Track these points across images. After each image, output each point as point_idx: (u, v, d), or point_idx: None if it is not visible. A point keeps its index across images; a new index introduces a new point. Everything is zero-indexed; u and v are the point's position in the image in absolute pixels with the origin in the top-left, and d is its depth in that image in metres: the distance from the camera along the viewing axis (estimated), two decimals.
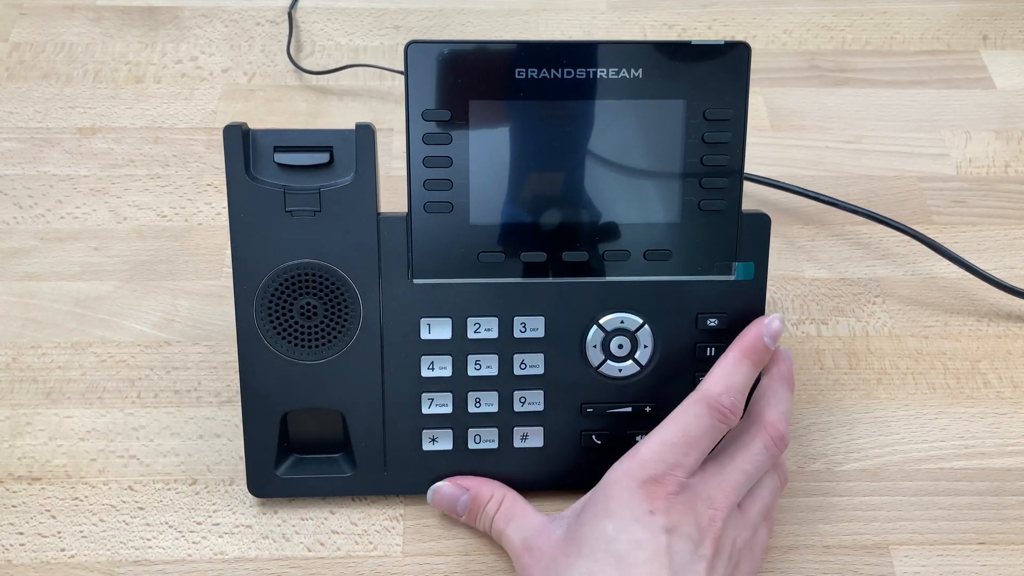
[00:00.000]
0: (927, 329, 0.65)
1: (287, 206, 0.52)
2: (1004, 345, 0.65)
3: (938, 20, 0.86)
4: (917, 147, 0.76)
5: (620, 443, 0.56)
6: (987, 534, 0.56)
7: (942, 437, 0.60)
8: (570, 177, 0.53)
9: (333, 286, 0.53)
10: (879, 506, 0.57)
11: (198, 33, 0.83)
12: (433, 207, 0.53)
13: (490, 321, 0.54)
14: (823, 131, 0.77)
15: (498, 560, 0.54)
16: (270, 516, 0.56)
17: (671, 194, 0.53)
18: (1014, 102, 0.79)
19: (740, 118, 0.53)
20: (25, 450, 0.58)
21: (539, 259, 0.54)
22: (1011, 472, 0.59)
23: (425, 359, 0.54)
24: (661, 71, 0.52)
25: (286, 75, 0.80)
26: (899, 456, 0.59)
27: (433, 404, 0.55)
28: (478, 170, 0.52)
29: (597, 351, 0.55)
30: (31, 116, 0.76)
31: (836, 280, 0.68)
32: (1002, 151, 0.76)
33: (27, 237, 0.68)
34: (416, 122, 0.52)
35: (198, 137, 0.75)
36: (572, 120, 0.52)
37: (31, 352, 0.63)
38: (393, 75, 0.79)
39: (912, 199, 0.72)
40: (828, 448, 0.60)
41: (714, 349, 0.55)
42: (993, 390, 0.63)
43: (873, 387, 0.63)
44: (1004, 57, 0.83)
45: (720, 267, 0.54)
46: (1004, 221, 0.71)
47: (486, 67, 0.51)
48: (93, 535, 0.55)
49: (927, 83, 0.81)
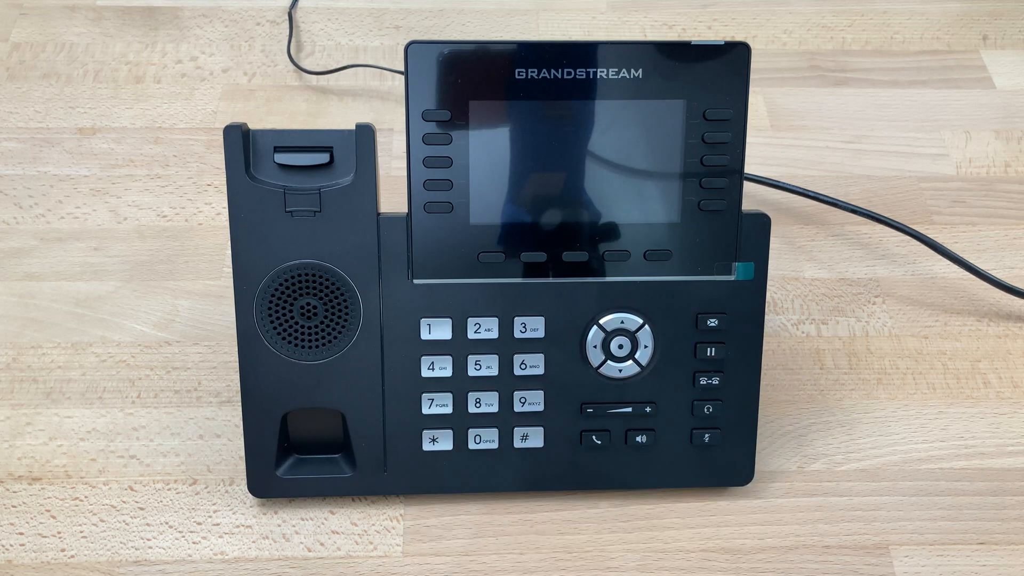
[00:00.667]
0: (927, 329, 0.65)
1: (287, 206, 0.52)
2: (1004, 345, 0.65)
3: (938, 20, 0.86)
4: (917, 147, 0.76)
5: (620, 443, 0.56)
6: (987, 534, 0.56)
7: (942, 437, 0.60)
8: (570, 177, 0.53)
9: (333, 286, 0.53)
10: (879, 506, 0.57)
11: (198, 33, 0.83)
12: (433, 207, 0.53)
13: (490, 321, 0.54)
14: (823, 131, 0.77)
15: (498, 560, 0.54)
16: (270, 516, 0.56)
17: (671, 194, 0.53)
18: (1014, 102, 0.79)
19: (740, 118, 0.53)
20: (25, 450, 0.58)
21: (539, 259, 0.54)
22: (1011, 472, 0.59)
23: (425, 359, 0.54)
24: (661, 71, 0.52)
25: (286, 75, 0.80)
26: (899, 456, 0.59)
27: (433, 404, 0.55)
28: (478, 170, 0.52)
29: (597, 351, 0.55)
30: (31, 116, 0.76)
31: (836, 280, 0.68)
32: (1002, 151, 0.76)
33: (27, 237, 0.68)
34: (416, 122, 0.52)
35: (198, 137, 0.75)
36: (572, 120, 0.52)
37: (31, 352, 0.63)
38: (393, 75, 0.79)
39: (912, 199, 0.72)
40: (828, 448, 0.60)
41: (714, 349, 0.55)
42: (993, 390, 0.63)
43: (873, 387, 0.63)
44: (1004, 57, 0.83)
45: (720, 267, 0.54)
46: (1004, 221, 0.71)
47: (486, 67, 0.51)
48: (93, 535, 0.55)
49: (927, 83, 0.81)
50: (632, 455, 0.56)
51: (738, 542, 0.56)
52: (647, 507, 0.57)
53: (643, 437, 0.56)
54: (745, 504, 0.57)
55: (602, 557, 0.55)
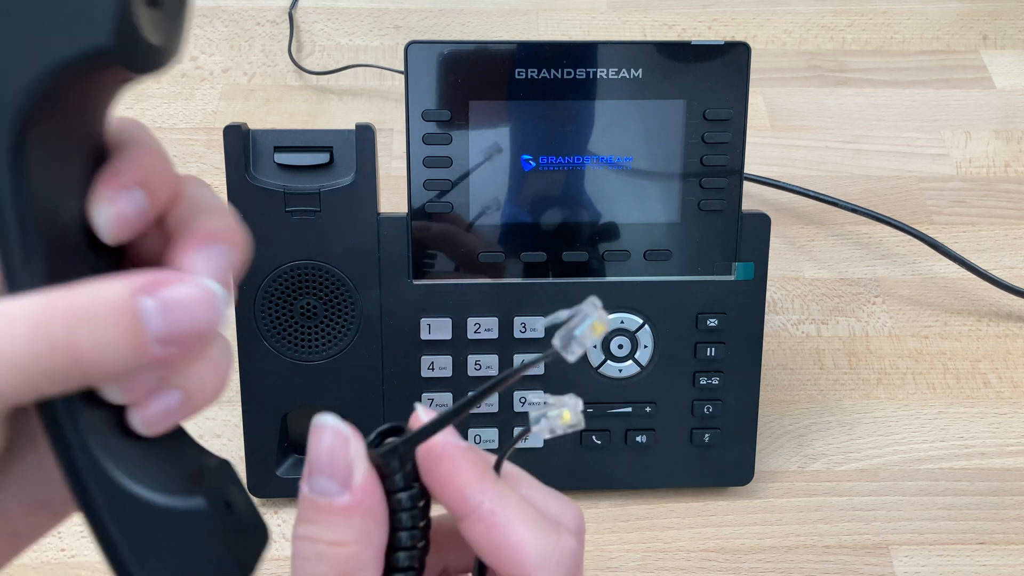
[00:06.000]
0: (927, 329, 0.65)
1: (287, 206, 0.52)
2: (1004, 345, 0.65)
3: (938, 20, 0.86)
4: (917, 147, 0.76)
5: (620, 443, 0.56)
6: (987, 534, 0.56)
7: (942, 437, 0.60)
8: (570, 177, 0.53)
9: (333, 286, 0.53)
10: (879, 506, 0.57)
11: (198, 33, 0.83)
12: (433, 207, 0.53)
13: (490, 321, 0.54)
14: (823, 131, 0.77)
15: None
16: (270, 516, 0.56)
17: (671, 194, 0.53)
18: (1014, 102, 0.79)
19: (740, 118, 0.53)
20: None
21: (539, 259, 0.54)
22: (1011, 472, 0.59)
23: (425, 359, 0.54)
24: (661, 71, 0.52)
25: (286, 75, 0.80)
26: (899, 456, 0.59)
27: (433, 404, 0.55)
28: (478, 170, 0.52)
29: (597, 351, 0.55)
30: None
31: (836, 280, 0.68)
32: (1002, 151, 0.76)
33: None
34: (416, 122, 0.52)
35: (198, 137, 0.75)
36: (572, 120, 0.52)
37: None
38: (393, 75, 0.79)
39: (912, 199, 0.72)
40: (828, 448, 0.60)
41: (714, 349, 0.55)
42: (993, 390, 0.63)
43: (873, 387, 0.63)
44: (1004, 57, 0.83)
45: (720, 267, 0.54)
46: (1004, 221, 0.71)
47: (486, 67, 0.51)
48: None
49: (927, 83, 0.81)
50: (632, 455, 0.56)
51: (738, 542, 0.56)
52: (647, 507, 0.57)
53: (643, 437, 0.56)
54: (745, 504, 0.57)
55: (602, 557, 0.55)
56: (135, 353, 0.25)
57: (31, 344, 0.24)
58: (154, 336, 0.26)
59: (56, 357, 0.25)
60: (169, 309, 0.26)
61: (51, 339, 0.25)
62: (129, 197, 0.27)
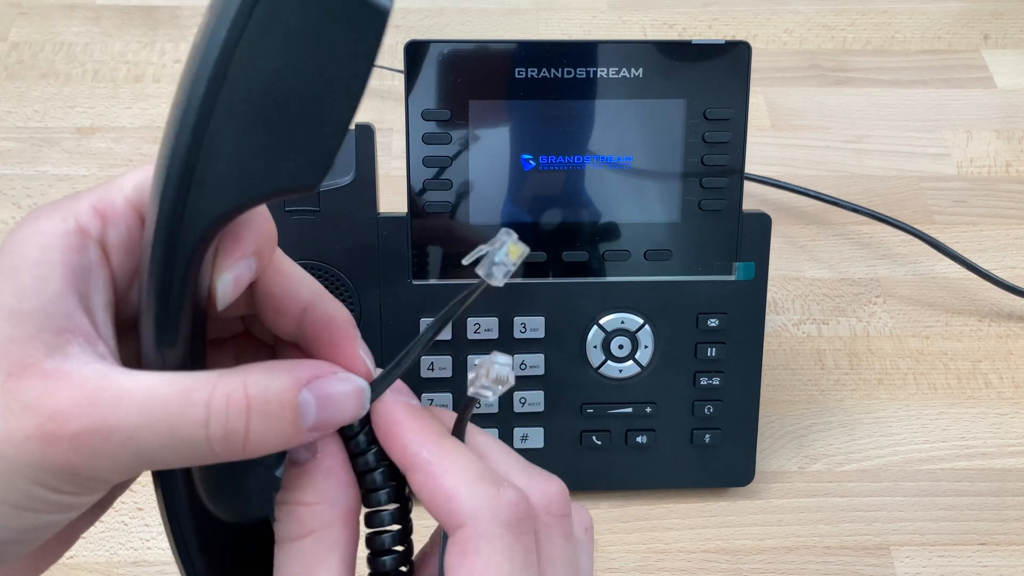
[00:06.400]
0: (928, 329, 0.65)
1: (286, 206, 0.52)
2: (1005, 345, 0.65)
3: (939, 19, 0.86)
4: (918, 147, 0.76)
5: (620, 443, 0.55)
6: (988, 535, 0.56)
7: (943, 437, 0.60)
8: (570, 177, 0.53)
9: (332, 286, 0.53)
10: (880, 507, 0.57)
11: None
12: (433, 207, 0.53)
13: (490, 321, 0.54)
14: (823, 131, 0.77)
15: None
16: None
17: (671, 194, 0.53)
18: (1015, 101, 0.79)
19: (740, 117, 0.52)
20: None
21: (539, 259, 0.53)
22: (1012, 472, 0.59)
23: (425, 359, 0.54)
24: (661, 70, 0.52)
25: None
26: (900, 457, 0.59)
27: (433, 404, 0.55)
28: (478, 170, 0.52)
29: (597, 351, 0.54)
30: (30, 116, 0.76)
31: (837, 280, 0.68)
32: (1003, 151, 0.76)
33: None
34: (416, 122, 0.52)
35: None
36: (572, 120, 0.52)
37: None
38: (393, 75, 0.79)
39: (913, 199, 0.72)
40: (829, 448, 0.59)
41: (714, 349, 0.55)
42: (994, 390, 0.62)
43: (874, 387, 0.62)
44: (1005, 56, 0.83)
45: (720, 267, 0.54)
46: (1005, 221, 0.71)
47: (486, 66, 0.51)
48: (92, 535, 0.55)
49: (928, 82, 0.80)
50: (632, 455, 0.56)
51: (738, 543, 0.55)
52: (647, 507, 0.57)
53: (643, 437, 0.55)
54: (745, 505, 0.57)
55: (602, 557, 0.55)
56: (291, 440, 0.28)
57: (209, 428, 0.27)
58: (308, 425, 0.28)
59: (229, 442, 0.27)
60: (324, 404, 0.29)
61: (231, 429, 0.27)
62: (246, 265, 0.29)
